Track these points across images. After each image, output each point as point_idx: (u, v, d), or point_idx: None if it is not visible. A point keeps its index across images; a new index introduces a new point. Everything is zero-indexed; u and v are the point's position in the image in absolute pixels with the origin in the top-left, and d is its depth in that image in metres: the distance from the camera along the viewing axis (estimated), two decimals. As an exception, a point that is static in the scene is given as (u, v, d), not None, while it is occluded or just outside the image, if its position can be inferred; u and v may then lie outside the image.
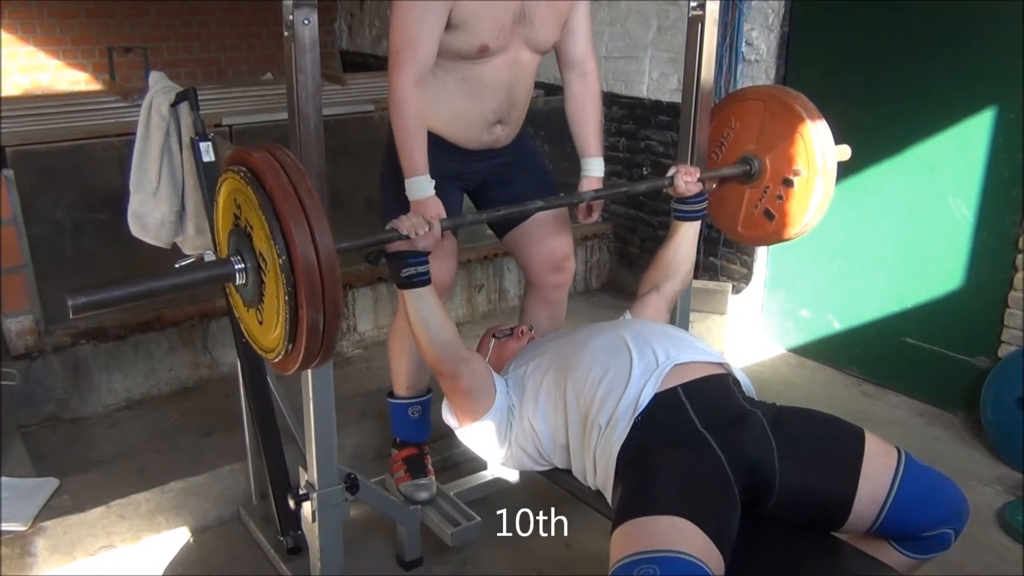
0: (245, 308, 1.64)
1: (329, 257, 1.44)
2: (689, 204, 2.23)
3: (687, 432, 1.72)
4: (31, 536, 2.28)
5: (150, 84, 2.42)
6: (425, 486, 2.40)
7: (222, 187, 1.61)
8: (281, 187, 1.44)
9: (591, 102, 2.30)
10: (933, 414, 3.21)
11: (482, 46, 2.03)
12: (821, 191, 2.24)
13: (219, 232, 1.67)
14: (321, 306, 1.45)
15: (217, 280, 1.62)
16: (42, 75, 5.89)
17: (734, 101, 2.42)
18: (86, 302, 1.38)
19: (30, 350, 2.93)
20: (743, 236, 2.44)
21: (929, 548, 1.74)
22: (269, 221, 1.43)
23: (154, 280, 1.48)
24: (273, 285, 1.48)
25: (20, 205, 2.87)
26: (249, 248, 1.53)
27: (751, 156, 2.32)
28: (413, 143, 2.00)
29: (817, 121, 2.24)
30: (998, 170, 2.91)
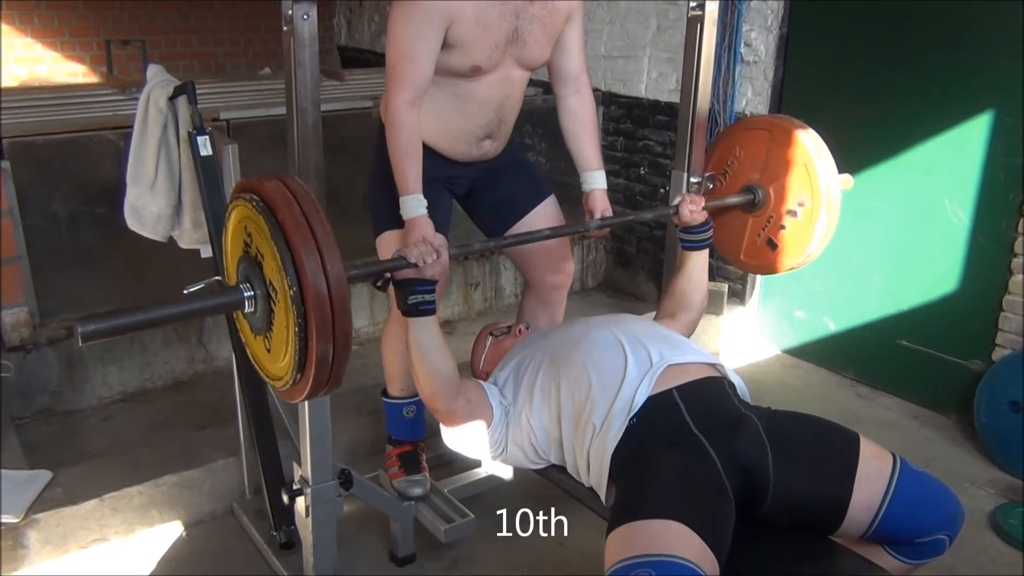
0: (252, 335, 1.64)
1: (340, 288, 1.44)
2: (695, 233, 2.20)
3: (682, 435, 1.72)
4: (23, 528, 2.27)
5: (148, 77, 2.42)
6: (419, 482, 2.40)
7: (232, 214, 1.61)
8: (293, 217, 1.44)
9: (588, 117, 2.30)
10: (927, 416, 3.22)
11: (475, 66, 2.04)
12: (825, 223, 2.24)
13: (228, 258, 1.68)
14: (331, 337, 1.45)
15: (227, 308, 1.63)
16: (39, 67, 5.86)
17: (739, 130, 2.42)
18: (95, 330, 1.37)
19: (25, 342, 2.92)
20: (746, 264, 2.43)
21: (923, 553, 1.75)
22: (281, 251, 1.43)
23: (162, 308, 1.49)
24: (283, 315, 1.48)
25: (16, 197, 2.86)
26: (259, 276, 1.53)
27: (755, 185, 2.32)
28: (407, 161, 1.99)
29: (822, 152, 2.24)
30: (995, 173, 2.92)
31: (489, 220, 2.42)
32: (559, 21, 2.13)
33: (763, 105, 3.56)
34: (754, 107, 3.60)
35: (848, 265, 3.44)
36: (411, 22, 1.94)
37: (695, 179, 2.36)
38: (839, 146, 3.32)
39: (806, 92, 3.46)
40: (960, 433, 3.10)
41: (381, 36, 6.08)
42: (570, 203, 2.47)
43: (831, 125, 3.38)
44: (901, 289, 3.27)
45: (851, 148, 3.32)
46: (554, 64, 2.23)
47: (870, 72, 3.22)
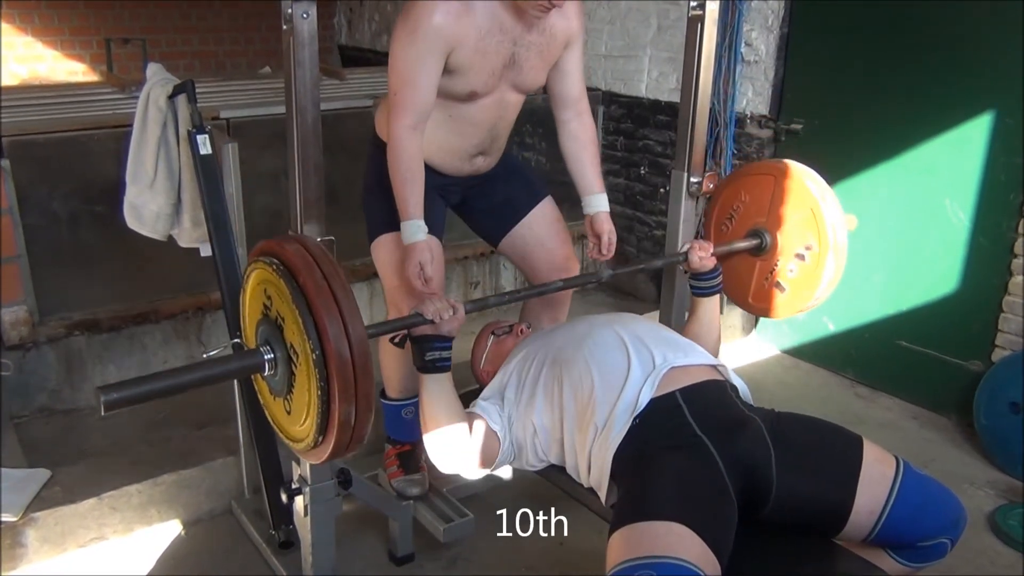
0: (271, 396, 1.64)
1: (362, 350, 1.44)
2: (705, 280, 2.21)
3: (685, 437, 1.72)
4: (22, 527, 2.27)
5: (148, 76, 2.42)
6: (418, 482, 2.40)
7: (250, 276, 1.61)
8: (315, 281, 1.45)
9: (590, 140, 2.30)
10: (926, 417, 3.22)
11: (472, 91, 2.06)
12: (833, 266, 2.25)
13: (246, 321, 1.68)
14: (354, 399, 1.45)
15: (247, 372, 1.63)
16: (40, 65, 5.87)
17: (743, 175, 2.43)
18: (118, 398, 1.38)
19: (24, 340, 2.92)
20: (754, 307, 2.43)
21: (925, 557, 1.74)
22: (303, 315, 1.43)
23: (183, 374, 1.49)
24: (305, 378, 1.48)
25: (16, 195, 2.85)
26: (279, 339, 1.54)
27: (762, 230, 2.33)
28: (407, 187, 2.01)
29: (827, 196, 2.24)
30: (995, 174, 2.91)
31: (487, 224, 2.43)
32: (557, 48, 2.14)
33: (763, 105, 3.56)
34: (755, 107, 3.59)
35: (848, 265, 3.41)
36: (413, 48, 1.95)
37: (695, 179, 2.35)
38: (839, 146, 3.35)
39: (806, 92, 3.46)
40: (960, 434, 3.10)
41: (382, 35, 6.08)
42: (570, 203, 2.47)
43: (831, 125, 3.41)
44: (901, 290, 3.26)
45: (851, 148, 3.33)
46: (554, 88, 2.24)
47: (871, 72, 3.22)
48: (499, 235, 2.41)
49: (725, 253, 2.31)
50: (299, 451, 1.61)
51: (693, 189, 2.36)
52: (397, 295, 2.22)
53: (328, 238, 1.77)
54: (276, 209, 3.22)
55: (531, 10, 1.97)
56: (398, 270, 2.17)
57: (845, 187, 3.33)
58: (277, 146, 3.22)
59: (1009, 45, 2.80)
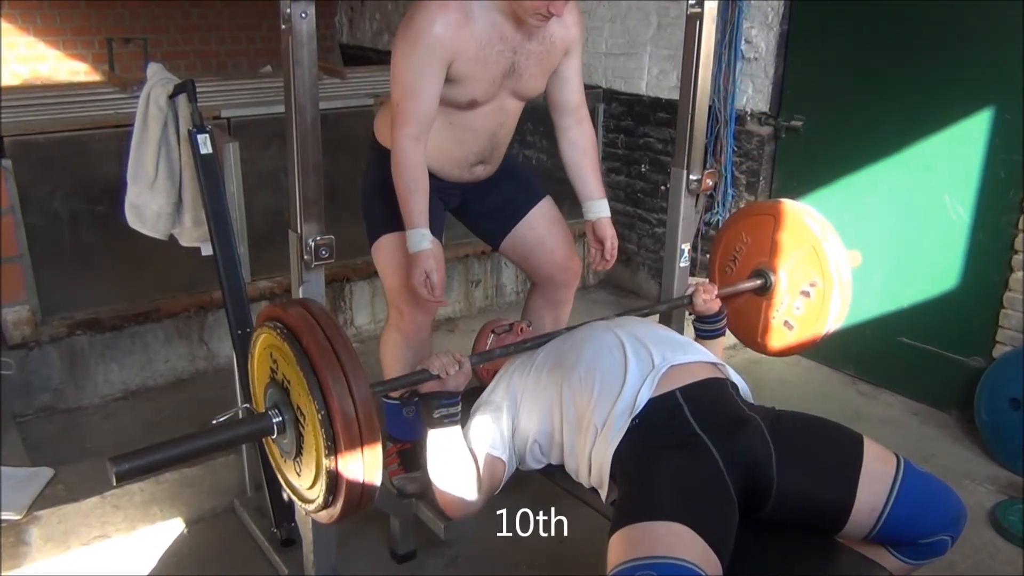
0: (283, 460, 1.66)
1: (367, 408, 1.46)
2: (710, 323, 2.24)
3: (685, 436, 1.72)
4: (25, 525, 2.28)
5: (148, 75, 2.42)
6: (418, 480, 2.40)
7: (257, 341, 1.64)
8: (317, 343, 1.47)
9: (590, 147, 2.31)
10: (927, 413, 3.22)
11: (472, 100, 2.07)
12: (839, 301, 2.27)
13: (255, 385, 1.70)
14: (361, 456, 1.47)
15: (257, 435, 1.65)
16: (41, 65, 5.87)
17: (743, 217, 2.45)
18: (130, 468, 1.40)
19: (26, 340, 2.93)
20: (764, 347, 2.45)
21: (926, 554, 1.75)
22: (307, 376, 1.45)
23: (193, 442, 1.51)
24: (312, 439, 1.50)
25: (18, 195, 2.87)
26: (287, 402, 1.56)
27: (765, 269, 2.35)
28: (411, 196, 2.02)
29: (828, 234, 2.27)
30: (995, 170, 2.91)
31: (487, 226, 2.43)
32: (556, 56, 2.15)
33: (764, 102, 3.56)
34: (754, 104, 3.60)
35: (849, 262, 3.43)
36: (414, 58, 1.96)
37: (694, 176, 2.35)
38: (839, 143, 3.35)
39: (806, 89, 3.46)
40: (960, 430, 3.10)
41: (383, 34, 6.08)
42: (571, 201, 2.47)
43: (832, 122, 3.41)
44: (901, 286, 3.27)
45: (851, 145, 3.33)
46: (554, 96, 2.25)
47: (871, 69, 3.21)
48: (500, 236, 2.41)
49: (730, 294, 2.33)
50: (312, 513, 1.62)
51: (693, 186, 2.36)
52: (398, 296, 2.22)
53: (328, 236, 1.77)
54: (277, 208, 3.23)
55: (530, 19, 1.98)
56: (398, 271, 2.18)
57: (845, 184, 3.33)
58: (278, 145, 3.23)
59: (1009, 41, 2.80)
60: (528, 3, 1.93)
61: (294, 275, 1.82)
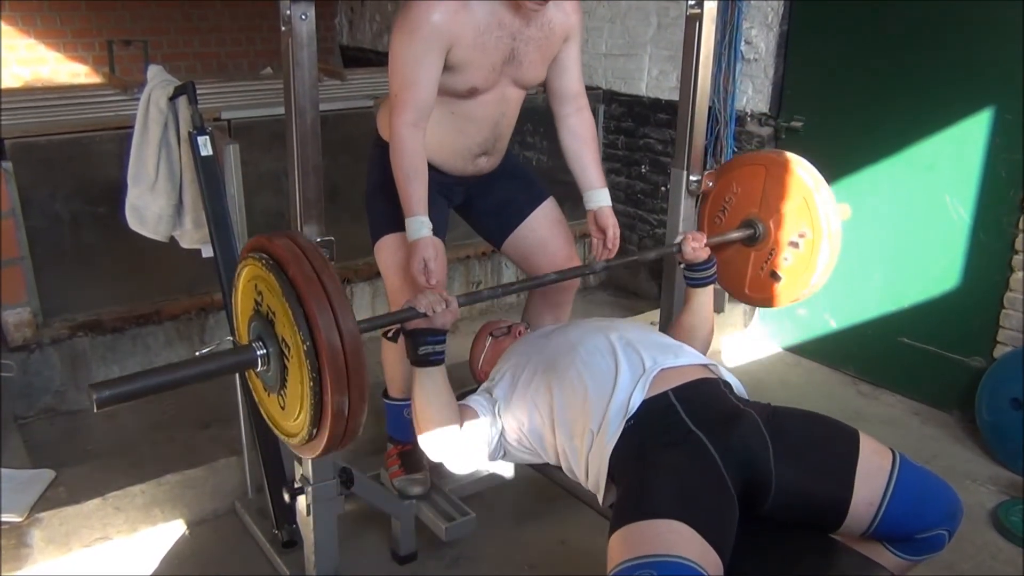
0: (266, 393, 1.64)
1: (354, 341, 1.44)
2: (699, 271, 2.23)
3: (681, 433, 1.72)
4: (27, 527, 2.28)
5: (148, 78, 2.43)
6: (419, 481, 2.41)
7: (242, 273, 1.61)
8: (304, 273, 1.45)
9: (590, 136, 2.30)
10: (928, 414, 3.22)
11: (472, 87, 2.06)
12: (827, 253, 2.25)
13: (239, 318, 1.68)
14: (346, 390, 1.45)
15: (240, 367, 1.63)
16: (42, 67, 5.88)
17: (735, 167, 2.43)
18: (110, 395, 1.38)
19: (28, 342, 2.93)
20: (751, 298, 2.43)
21: (923, 549, 1.75)
22: (293, 308, 1.43)
23: (176, 371, 1.49)
24: (297, 371, 1.48)
25: (19, 197, 2.87)
26: (271, 334, 1.54)
27: (755, 220, 2.34)
28: (410, 183, 2.01)
29: (819, 184, 2.25)
30: (995, 170, 2.91)
31: (490, 225, 2.43)
32: (556, 42, 2.14)
33: (764, 103, 3.56)
34: (755, 104, 3.60)
35: (849, 262, 3.41)
36: (412, 46, 1.95)
37: (694, 177, 2.36)
38: (840, 143, 3.35)
39: (806, 90, 3.46)
40: (962, 430, 3.10)
41: (383, 35, 6.08)
42: (572, 202, 2.48)
43: (832, 122, 3.41)
44: (902, 286, 3.27)
45: (852, 145, 3.33)
46: (553, 84, 2.24)
47: (871, 69, 3.22)
48: (502, 236, 2.41)
49: (719, 243, 2.31)
50: (294, 446, 1.60)
51: (693, 187, 2.37)
52: (400, 296, 2.22)
53: (328, 238, 1.78)
54: (278, 210, 3.23)
55: (528, 3, 1.98)
56: (401, 271, 2.18)
57: (846, 184, 3.33)
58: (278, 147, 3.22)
59: (1009, 41, 2.80)
60: None
61: (295, 276, 1.82)
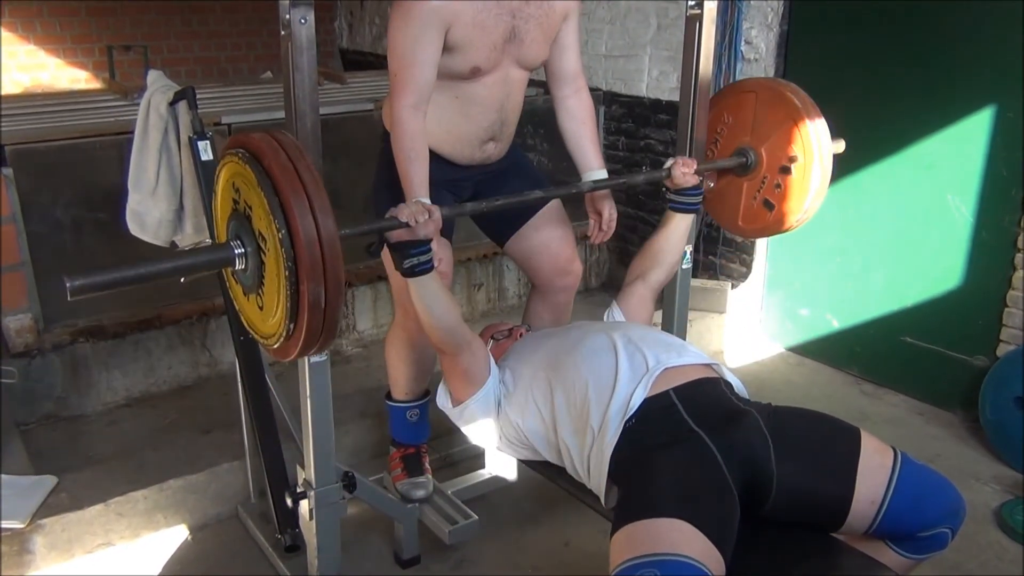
0: (245, 296, 1.63)
1: (329, 230, 1.43)
2: (686, 196, 2.23)
3: (682, 432, 1.72)
4: (29, 534, 2.28)
5: (148, 83, 2.43)
6: (422, 484, 2.41)
7: (221, 173, 1.61)
8: (280, 163, 1.44)
9: (588, 116, 2.30)
10: (931, 413, 3.21)
11: (474, 67, 2.05)
12: (819, 176, 2.24)
13: (218, 221, 1.67)
14: (322, 280, 1.43)
15: (217, 264, 1.61)
16: (42, 73, 5.89)
17: (726, 96, 2.42)
18: (83, 284, 1.39)
19: (29, 348, 2.93)
20: (744, 229, 2.43)
21: (926, 548, 1.74)
22: (268, 197, 1.43)
23: (153, 264, 1.49)
24: (273, 263, 1.47)
25: (19, 203, 2.87)
26: (248, 231, 1.53)
27: (747, 148, 2.33)
28: (411, 165, 2.00)
29: (809, 107, 2.24)
30: (997, 169, 2.91)
31: (495, 224, 2.43)
32: (556, 20, 2.14)
33: (764, 103, 3.56)
34: (755, 105, 3.59)
35: (851, 262, 3.43)
36: (409, 27, 1.95)
37: (696, 177, 2.35)
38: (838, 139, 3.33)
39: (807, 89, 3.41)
40: (965, 429, 3.09)
41: (382, 39, 6.08)
42: (574, 203, 2.47)
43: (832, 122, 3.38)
44: (904, 285, 3.26)
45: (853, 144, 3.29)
46: (552, 64, 2.24)
47: (871, 69, 3.21)
48: (507, 235, 2.41)
49: (710, 169, 2.31)
50: (273, 349, 1.58)
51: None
52: (403, 294, 2.22)
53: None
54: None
55: None
56: None
57: (848, 183, 3.32)
58: (279, 151, 3.23)
59: (1009, 40, 2.80)
60: None
61: (296, 280, 1.81)
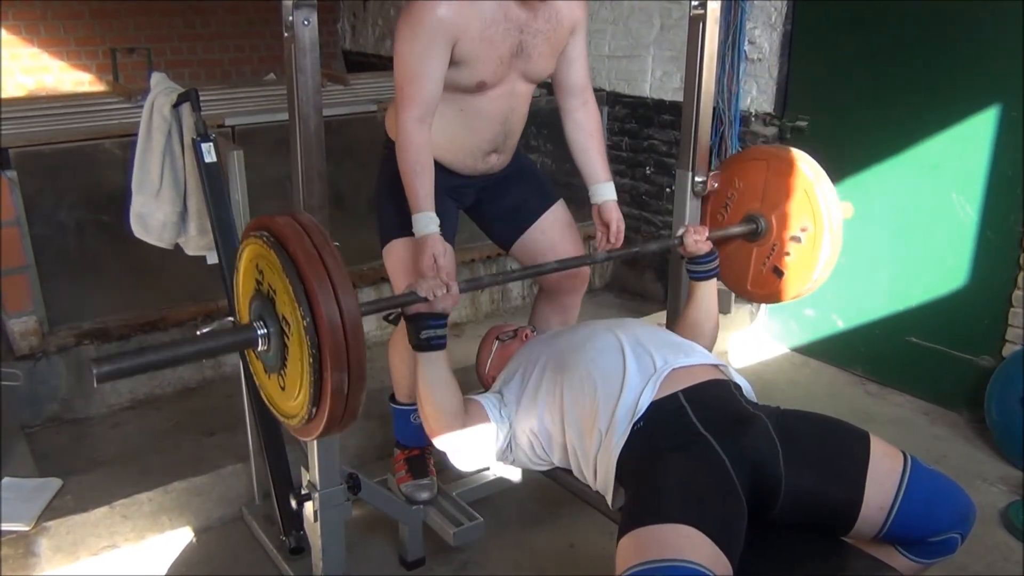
0: (266, 375, 1.64)
1: (353, 317, 1.44)
2: (701, 264, 2.22)
3: (690, 436, 1.71)
4: (34, 536, 2.28)
5: (152, 85, 2.43)
6: (426, 486, 2.40)
7: (243, 253, 1.62)
8: (305, 250, 1.45)
9: (595, 128, 2.29)
10: (937, 413, 3.20)
11: (480, 82, 2.05)
12: (829, 247, 2.24)
13: (240, 300, 1.68)
14: (346, 367, 1.44)
15: (240, 346, 1.63)
16: (46, 76, 5.90)
17: (736, 162, 2.44)
18: (110, 371, 1.39)
19: (34, 350, 2.93)
20: (754, 294, 2.42)
21: (935, 552, 1.73)
22: (293, 283, 1.43)
23: (176, 348, 1.51)
24: (297, 348, 1.48)
25: (23, 206, 2.87)
26: (272, 313, 1.54)
27: (757, 215, 2.33)
28: (417, 179, 2.00)
29: (820, 177, 2.24)
30: (1002, 168, 2.90)
31: (499, 228, 2.42)
32: (564, 34, 2.13)
33: (768, 103, 3.55)
34: (759, 105, 3.59)
35: (856, 262, 3.41)
36: (417, 41, 1.94)
37: (699, 178, 2.35)
38: (845, 142, 3.34)
39: (811, 89, 3.46)
40: (971, 430, 3.08)
41: (385, 40, 6.09)
42: (577, 204, 2.47)
43: (837, 121, 3.40)
44: (909, 285, 3.25)
45: (857, 144, 3.32)
46: (559, 76, 2.23)
47: (875, 68, 3.21)
48: (512, 239, 2.40)
49: (721, 237, 2.31)
50: (294, 428, 1.59)
51: (698, 188, 2.36)
52: None
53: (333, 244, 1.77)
54: (282, 215, 3.22)
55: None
56: (408, 275, 2.17)
57: (852, 183, 3.32)
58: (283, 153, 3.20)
59: (1013, 39, 2.79)
60: None
61: (299, 282, 1.81)
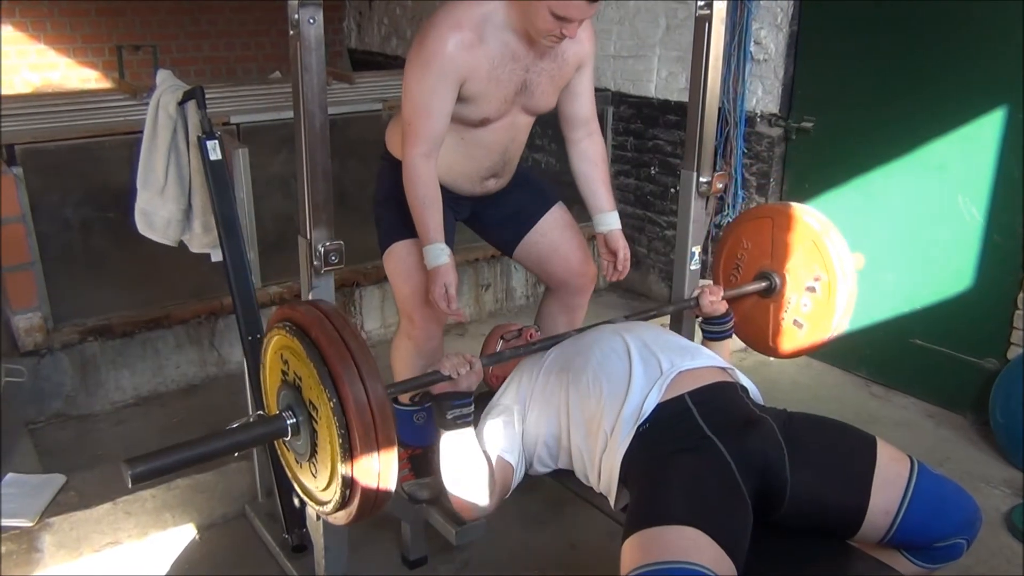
0: (298, 464, 1.65)
1: (379, 397, 1.45)
2: (717, 324, 2.26)
3: (696, 439, 1.71)
4: (37, 532, 2.28)
5: (157, 82, 2.43)
6: (429, 485, 2.40)
7: (268, 347, 1.64)
8: (327, 334, 1.47)
9: (600, 159, 2.30)
10: (941, 416, 3.20)
11: (484, 118, 2.07)
12: (845, 293, 2.27)
13: (268, 392, 1.70)
14: (375, 444, 1.45)
15: (271, 437, 1.64)
16: (53, 73, 5.91)
17: (742, 222, 2.47)
18: (144, 471, 1.41)
19: (38, 347, 2.94)
20: (777, 350, 2.44)
21: (940, 558, 1.73)
22: (318, 367, 1.45)
23: (209, 443, 1.52)
24: (326, 431, 1.49)
25: (29, 203, 2.88)
26: (299, 401, 1.55)
27: (769, 271, 2.35)
28: (426, 212, 2.02)
29: (826, 227, 2.28)
30: (1008, 170, 2.89)
31: (499, 235, 2.43)
32: (568, 72, 2.14)
33: (774, 103, 3.55)
34: (764, 105, 3.58)
35: (860, 263, 3.41)
36: (426, 78, 1.95)
37: (704, 178, 2.35)
38: (851, 143, 3.33)
39: (817, 90, 3.45)
40: (975, 432, 3.07)
41: (391, 38, 6.09)
42: (580, 204, 2.47)
43: (842, 122, 3.39)
44: (915, 288, 3.24)
45: (863, 145, 3.31)
46: (564, 109, 2.24)
47: (881, 69, 3.20)
48: (512, 244, 2.41)
49: (736, 296, 2.33)
50: (329, 515, 1.60)
51: (703, 189, 2.36)
52: (408, 304, 2.22)
53: (337, 242, 1.77)
54: (287, 214, 3.23)
55: (544, 40, 1.97)
56: (409, 279, 2.19)
57: (857, 185, 3.31)
58: (287, 151, 3.24)
59: (1020, 41, 2.78)
60: (541, 26, 1.92)
61: (304, 281, 1.82)
